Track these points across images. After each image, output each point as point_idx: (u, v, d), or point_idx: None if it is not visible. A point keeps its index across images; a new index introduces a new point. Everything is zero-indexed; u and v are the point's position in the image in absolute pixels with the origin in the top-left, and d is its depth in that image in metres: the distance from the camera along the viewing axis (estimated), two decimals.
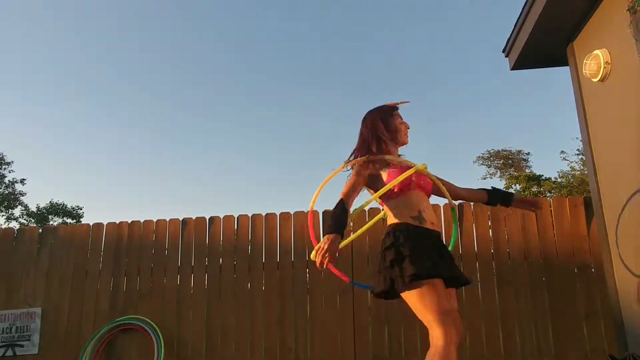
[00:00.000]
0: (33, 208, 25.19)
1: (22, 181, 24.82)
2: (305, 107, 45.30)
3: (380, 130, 2.44)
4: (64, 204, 25.95)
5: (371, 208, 4.33)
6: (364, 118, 2.53)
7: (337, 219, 2.15)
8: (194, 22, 46.55)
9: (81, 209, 26.39)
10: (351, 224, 2.62)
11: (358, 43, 46.66)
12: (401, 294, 2.18)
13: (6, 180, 24.37)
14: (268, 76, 47.32)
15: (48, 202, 25.87)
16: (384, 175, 2.36)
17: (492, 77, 45.10)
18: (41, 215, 25.00)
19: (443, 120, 44.28)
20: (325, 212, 4.33)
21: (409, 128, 2.53)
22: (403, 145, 2.53)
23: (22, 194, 24.89)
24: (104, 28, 43.63)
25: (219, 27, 47.30)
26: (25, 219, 24.96)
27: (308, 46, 48.76)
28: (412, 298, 2.14)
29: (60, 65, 43.09)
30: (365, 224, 2.78)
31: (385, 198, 2.36)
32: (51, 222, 24.81)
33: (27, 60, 41.01)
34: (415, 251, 2.14)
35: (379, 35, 46.47)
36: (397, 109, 2.54)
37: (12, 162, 24.61)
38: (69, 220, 25.70)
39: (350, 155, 2.47)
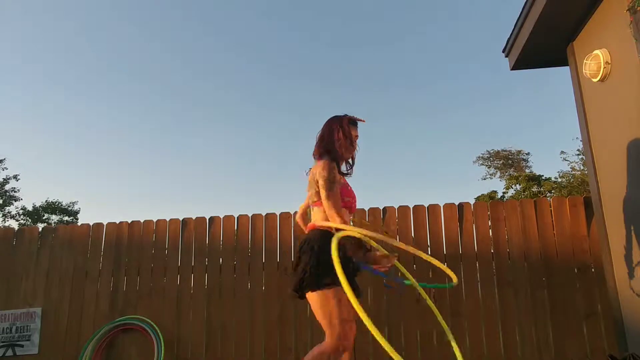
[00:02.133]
0: (29, 207, 25.13)
1: (16, 177, 24.64)
2: (307, 106, 45.30)
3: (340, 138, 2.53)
4: (59, 202, 25.91)
5: (370, 207, 4.33)
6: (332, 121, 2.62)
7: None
8: (198, 20, 46.55)
9: (75, 204, 26.37)
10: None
11: (360, 43, 46.67)
12: None
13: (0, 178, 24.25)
14: (269, 75, 47.34)
15: (44, 200, 25.86)
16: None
17: (492, 77, 45.11)
18: (37, 214, 24.92)
19: (442, 120, 44.28)
20: None
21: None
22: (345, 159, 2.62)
23: (16, 191, 24.77)
24: (103, 20, 43.64)
25: (224, 25, 47.29)
26: (22, 219, 24.89)
27: (311, 45, 48.76)
28: None
29: (59, 60, 43.10)
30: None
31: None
32: (47, 221, 24.74)
33: (24, 55, 41.02)
34: None
35: (379, 35, 46.48)
36: (356, 123, 2.63)
37: (4, 159, 24.43)
38: (65, 218, 25.69)
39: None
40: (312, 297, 2.35)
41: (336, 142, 2.52)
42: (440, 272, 4.14)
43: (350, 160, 2.65)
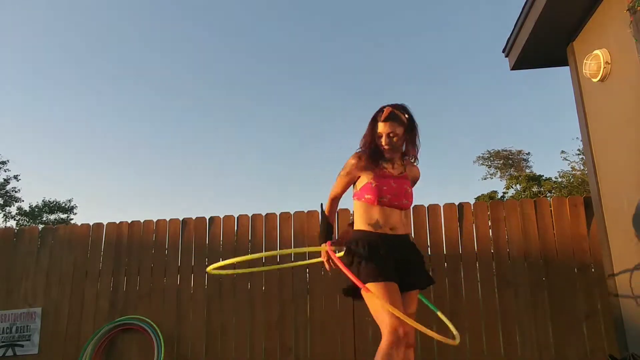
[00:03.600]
0: (26, 207, 25.27)
1: (16, 177, 24.82)
2: (307, 106, 45.32)
3: (368, 133, 2.52)
4: (56, 201, 26.09)
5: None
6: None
7: (321, 227, 2.57)
8: (199, 18, 46.54)
9: (71, 201, 26.55)
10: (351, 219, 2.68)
11: (360, 42, 46.67)
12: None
13: (1, 178, 24.41)
14: (269, 75, 47.36)
15: (41, 200, 26.02)
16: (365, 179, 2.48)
17: (492, 77, 45.13)
18: (33, 214, 25.06)
19: (442, 120, 44.26)
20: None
21: (391, 138, 2.46)
22: (386, 154, 2.50)
23: (17, 191, 24.92)
24: (103, 22, 43.64)
25: (225, 23, 47.30)
26: (20, 219, 25.00)
27: (312, 45, 48.78)
28: (366, 298, 2.35)
29: (60, 59, 43.11)
30: None
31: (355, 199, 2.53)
32: (43, 220, 24.86)
33: (24, 55, 41.03)
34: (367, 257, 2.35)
35: (379, 35, 46.49)
36: (382, 113, 2.49)
37: (8, 161, 24.61)
38: (62, 216, 25.81)
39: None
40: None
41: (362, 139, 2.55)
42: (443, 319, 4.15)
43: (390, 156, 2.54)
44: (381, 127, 2.47)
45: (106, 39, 44.36)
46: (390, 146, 2.47)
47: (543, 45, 4.06)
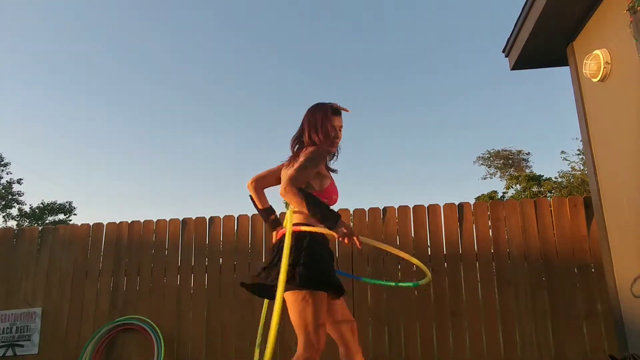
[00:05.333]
0: (27, 209, 25.49)
1: (19, 181, 25.16)
2: (307, 105, 45.24)
3: (325, 128, 2.37)
4: (55, 202, 26.32)
5: (371, 208, 4.32)
6: (312, 109, 2.45)
7: (325, 208, 2.18)
8: (199, 16, 46.53)
9: (71, 203, 26.81)
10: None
11: (360, 40, 46.68)
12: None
13: (3, 181, 24.68)
14: (270, 73, 47.35)
15: (40, 202, 26.28)
16: (327, 179, 2.36)
17: (492, 77, 45.14)
18: (34, 216, 25.29)
19: (443, 120, 44.28)
20: None
21: (339, 138, 2.42)
22: (334, 149, 2.42)
23: (20, 194, 25.21)
24: (103, 20, 43.62)
25: (225, 22, 47.30)
26: (20, 220, 25.18)
27: (311, 43, 48.78)
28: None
29: (59, 60, 43.09)
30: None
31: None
32: (47, 220, 25.06)
33: (24, 54, 41.03)
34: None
35: (378, 34, 46.49)
36: (340, 112, 2.44)
37: (10, 163, 24.92)
38: (61, 216, 26.00)
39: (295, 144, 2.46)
40: (288, 297, 2.23)
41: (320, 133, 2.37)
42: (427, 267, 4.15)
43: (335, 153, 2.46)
44: (337, 121, 2.41)
45: (106, 38, 44.36)
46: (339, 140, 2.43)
47: (543, 45, 4.06)
